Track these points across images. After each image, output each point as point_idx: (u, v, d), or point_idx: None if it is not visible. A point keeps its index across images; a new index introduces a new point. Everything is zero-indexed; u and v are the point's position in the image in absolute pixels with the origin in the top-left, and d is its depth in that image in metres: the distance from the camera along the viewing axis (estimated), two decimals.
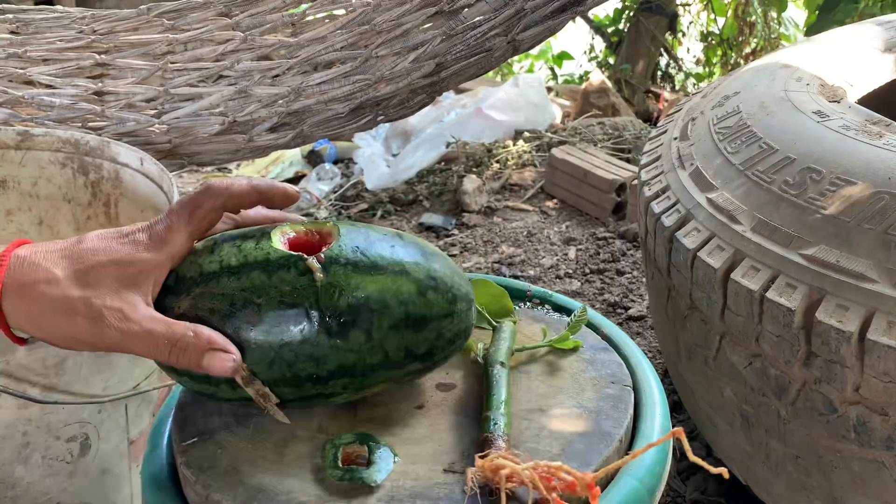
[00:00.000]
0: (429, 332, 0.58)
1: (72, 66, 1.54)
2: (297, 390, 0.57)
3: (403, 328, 0.56)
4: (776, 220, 0.84)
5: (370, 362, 0.56)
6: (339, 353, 0.55)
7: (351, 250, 0.57)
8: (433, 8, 1.59)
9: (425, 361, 0.59)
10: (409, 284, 0.57)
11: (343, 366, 0.56)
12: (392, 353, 0.57)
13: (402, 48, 1.58)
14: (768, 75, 1.13)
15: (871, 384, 0.74)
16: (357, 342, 0.55)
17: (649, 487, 0.55)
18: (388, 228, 0.62)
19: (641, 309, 1.69)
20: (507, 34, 1.62)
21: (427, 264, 0.59)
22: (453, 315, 0.59)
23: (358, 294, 0.55)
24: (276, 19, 1.61)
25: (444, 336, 0.59)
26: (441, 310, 0.58)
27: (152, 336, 0.53)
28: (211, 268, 0.56)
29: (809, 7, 3.32)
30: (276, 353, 0.55)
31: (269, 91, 1.55)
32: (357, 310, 0.55)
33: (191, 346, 0.53)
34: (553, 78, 4.46)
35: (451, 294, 0.59)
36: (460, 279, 0.61)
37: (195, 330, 0.53)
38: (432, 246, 0.63)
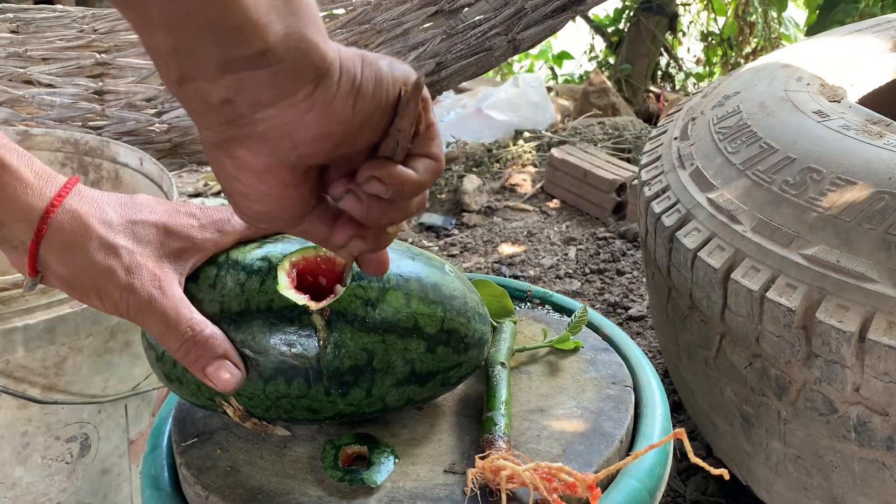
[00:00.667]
0: (434, 384, 0.57)
1: (72, 65, 1.54)
2: (293, 424, 0.58)
3: (407, 384, 0.55)
4: (776, 220, 0.84)
5: (369, 411, 0.56)
6: (337, 406, 0.54)
7: (361, 302, 0.53)
8: (433, 7, 1.58)
9: (426, 403, 0.60)
10: (418, 342, 0.54)
11: (341, 414, 0.55)
12: (392, 403, 0.56)
13: (402, 47, 1.58)
14: (768, 75, 1.13)
15: (872, 384, 0.74)
16: (356, 398, 0.54)
17: (650, 488, 0.55)
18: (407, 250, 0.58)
19: (641, 309, 1.69)
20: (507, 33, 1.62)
21: (443, 314, 0.55)
22: (462, 365, 0.58)
23: (362, 356, 0.53)
24: None
25: (450, 382, 0.58)
26: (450, 362, 0.56)
27: (178, 317, 0.50)
28: (212, 309, 0.53)
29: (809, 7, 3.32)
30: (272, 402, 0.54)
31: None
32: (359, 371, 0.53)
33: (207, 347, 0.51)
34: (553, 78, 4.46)
35: (462, 345, 0.57)
36: (477, 321, 0.58)
37: (217, 333, 0.52)
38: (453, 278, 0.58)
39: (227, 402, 0.55)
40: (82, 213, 0.50)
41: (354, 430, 0.59)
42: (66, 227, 0.50)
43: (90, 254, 0.50)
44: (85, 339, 0.85)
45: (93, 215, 0.50)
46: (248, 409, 0.55)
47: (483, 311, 0.60)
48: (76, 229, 0.50)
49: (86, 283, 0.50)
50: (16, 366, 0.81)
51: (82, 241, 0.50)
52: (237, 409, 0.55)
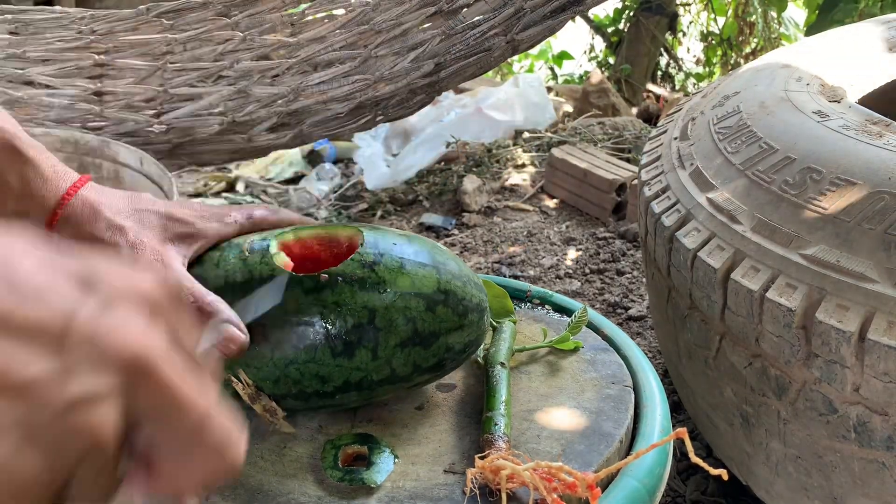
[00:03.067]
0: (438, 347, 0.57)
1: (71, 66, 1.54)
2: (303, 403, 0.57)
3: (411, 345, 0.55)
4: (776, 220, 0.84)
5: (376, 378, 0.56)
6: (345, 371, 0.54)
7: (359, 265, 0.55)
8: (432, 8, 1.58)
9: (434, 372, 0.59)
10: (417, 300, 0.55)
11: (349, 382, 0.55)
12: (399, 368, 0.56)
13: (401, 48, 1.58)
14: (768, 75, 1.13)
15: (872, 384, 0.74)
16: (363, 360, 0.54)
17: (650, 488, 0.55)
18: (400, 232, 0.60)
19: (641, 309, 1.69)
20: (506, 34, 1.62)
21: (438, 275, 0.57)
22: (463, 328, 0.58)
23: (364, 313, 0.54)
24: (275, 19, 1.61)
25: (454, 348, 0.58)
26: (451, 324, 0.57)
27: (180, 287, 0.53)
28: (216, 283, 0.56)
29: (809, 7, 3.32)
30: (281, 371, 0.54)
31: (268, 91, 1.55)
32: (363, 329, 0.54)
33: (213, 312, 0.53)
34: (553, 78, 4.46)
35: (461, 307, 0.58)
36: (473, 287, 0.60)
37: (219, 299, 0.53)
38: (446, 251, 0.61)
39: (237, 379, 0.55)
40: (93, 201, 0.56)
41: (354, 430, 0.59)
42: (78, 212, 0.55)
43: (98, 233, 0.55)
44: None
45: (102, 202, 0.56)
46: (258, 386, 0.55)
47: (477, 281, 0.62)
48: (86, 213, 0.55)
49: None
50: None
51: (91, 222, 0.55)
52: (247, 384, 0.55)
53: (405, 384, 0.58)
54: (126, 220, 0.56)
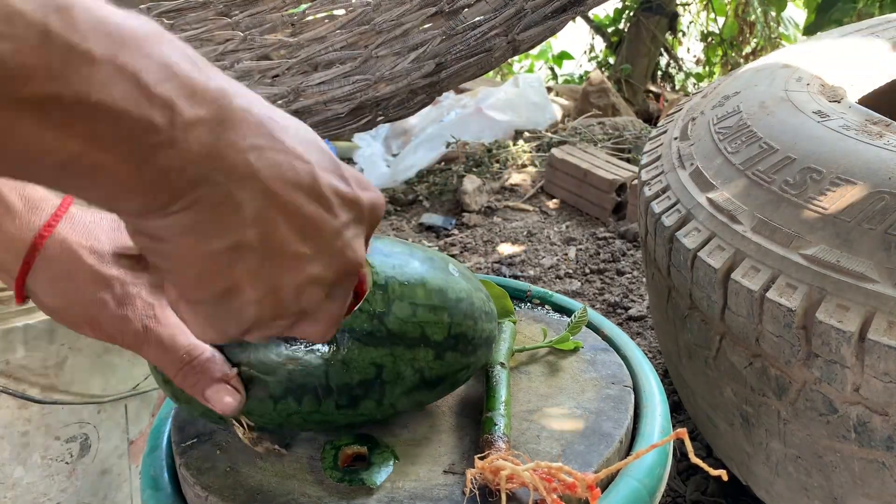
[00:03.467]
0: (443, 387, 0.57)
1: None
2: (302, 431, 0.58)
3: (417, 391, 0.55)
4: (776, 220, 0.84)
5: (380, 417, 0.56)
6: (348, 417, 0.55)
7: (367, 317, 0.52)
8: (433, 8, 1.59)
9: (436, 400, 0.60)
10: (426, 351, 0.54)
11: (352, 425, 0.56)
12: (402, 408, 0.57)
13: (401, 48, 1.58)
14: (768, 75, 1.13)
15: (872, 384, 0.74)
16: (367, 409, 0.55)
17: (650, 488, 0.55)
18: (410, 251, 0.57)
19: (641, 309, 1.69)
20: (507, 34, 1.62)
21: (450, 319, 0.55)
22: (469, 367, 0.58)
23: (371, 370, 0.53)
24: (275, 19, 1.61)
25: (459, 382, 0.59)
26: (458, 365, 0.57)
27: (174, 344, 0.50)
28: None
29: (809, 7, 3.32)
30: (284, 419, 0.54)
31: (268, 91, 1.55)
32: (369, 384, 0.53)
33: (205, 370, 0.50)
34: (553, 78, 4.46)
35: (471, 347, 0.57)
36: (484, 321, 0.58)
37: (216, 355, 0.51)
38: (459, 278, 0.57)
39: (238, 423, 0.55)
40: (72, 244, 0.48)
41: (354, 431, 0.59)
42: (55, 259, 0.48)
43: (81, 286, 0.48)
44: (85, 340, 0.85)
45: (83, 245, 0.49)
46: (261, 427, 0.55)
47: (490, 307, 0.60)
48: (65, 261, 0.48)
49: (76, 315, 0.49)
50: (16, 366, 0.81)
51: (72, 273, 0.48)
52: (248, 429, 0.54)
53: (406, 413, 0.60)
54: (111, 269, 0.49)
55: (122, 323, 0.49)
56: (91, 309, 0.49)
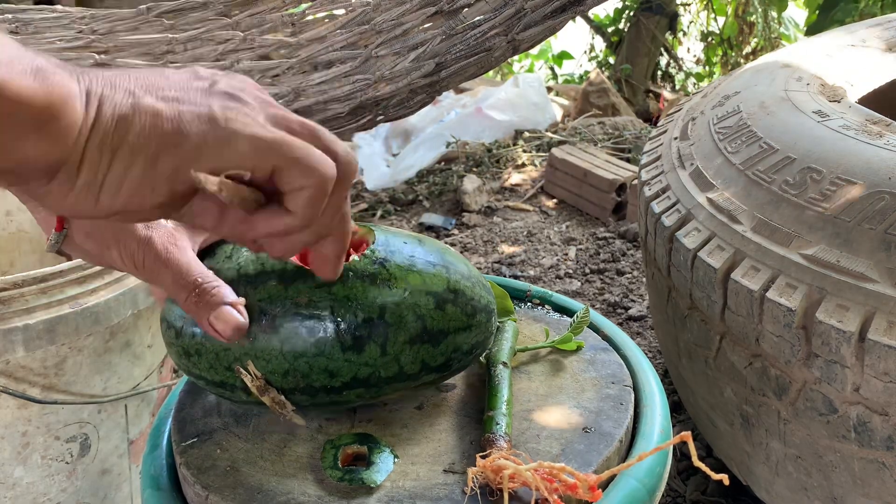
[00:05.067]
0: (446, 346, 0.57)
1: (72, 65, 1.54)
2: (310, 398, 0.57)
3: (420, 342, 0.56)
4: (776, 220, 0.84)
5: (385, 375, 0.56)
6: (354, 366, 0.55)
7: (370, 262, 0.56)
8: (433, 7, 1.59)
9: (441, 372, 0.59)
10: (427, 298, 0.56)
11: (357, 378, 0.56)
12: (407, 366, 0.56)
13: (401, 48, 1.58)
14: (768, 75, 1.13)
15: (872, 384, 0.74)
16: (372, 356, 0.55)
17: (650, 488, 0.55)
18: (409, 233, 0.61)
19: (641, 309, 1.69)
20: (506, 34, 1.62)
21: (447, 275, 0.58)
22: (471, 328, 0.59)
23: (374, 308, 0.54)
24: (275, 19, 1.61)
25: (462, 348, 0.59)
26: (459, 323, 0.58)
27: (189, 269, 0.53)
28: (228, 275, 0.56)
29: (809, 7, 3.32)
30: (290, 364, 0.54)
31: (268, 91, 1.55)
32: (373, 324, 0.54)
33: (214, 295, 0.53)
34: (553, 78, 4.46)
35: (470, 307, 0.58)
36: (482, 289, 0.61)
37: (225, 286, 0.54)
38: (455, 253, 0.62)
39: (246, 370, 0.55)
40: None
41: (354, 430, 0.59)
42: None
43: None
44: (85, 339, 0.85)
45: None
46: (267, 378, 0.55)
47: (486, 283, 0.62)
48: None
49: (106, 235, 0.53)
50: (16, 366, 0.81)
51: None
52: (256, 377, 0.55)
53: (412, 383, 0.58)
54: None
55: (146, 244, 0.53)
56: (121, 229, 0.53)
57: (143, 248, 0.53)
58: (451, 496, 0.52)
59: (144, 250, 0.53)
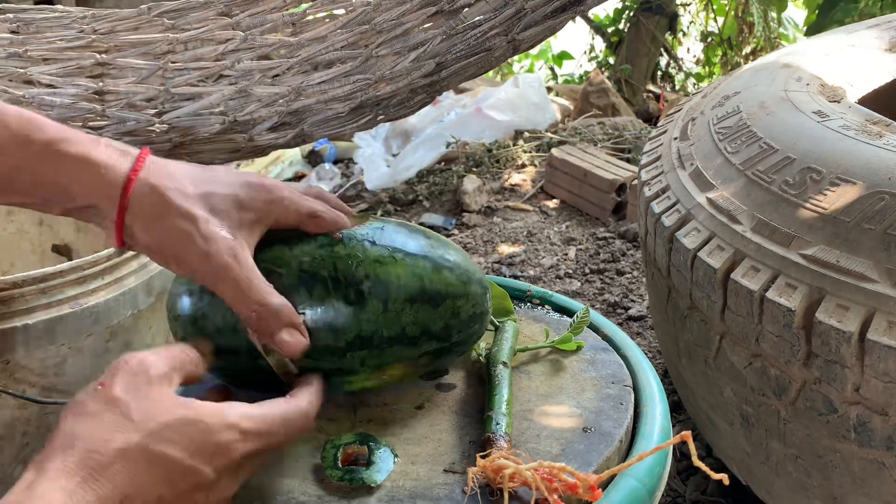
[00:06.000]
0: (444, 310, 0.59)
1: (72, 65, 1.54)
2: (315, 362, 0.57)
3: (420, 302, 0.58)
4: (776, 220, 0.84)
5: (387, 335, 0.57)
6: (357, 322, 0.56)
7: (369, 228, 0.59)
8: (433, 7, 1.58)
9: (441, 341, 0.60)
10: (424, 261, 0.59)
11: (360, 337, 0.57)
12: (409, 327, 0.58)
13: (402, 48, 1.58)
14: (768, 75, 1.13)
15: (871, 384, 0.74)
16: (374, 312, 0.57)
17: (649, 488, 0.55)
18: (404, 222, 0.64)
19: (641, 309, 1.69)
20: (507, 34, 1.62)
21: (442, 251, 0.61)
22: (468, 296, 0.61)
23: (374, 266, 0.57)
24: (276, 19, 1.61)
25: (460, 316, 0.60)
26: (456, 289, 0.60)
27: (251, 285, 0.53)
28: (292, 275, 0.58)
29: (809, 7, 3.32)
30: None
31: (269, 90, 1.55)
32: (374, 280, 0.57)
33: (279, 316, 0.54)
34: (553, 78, 4.46)
35: (465, 276, 0.61)
36: (474, 268, 0.63)
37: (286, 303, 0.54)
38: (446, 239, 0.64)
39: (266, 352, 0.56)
40: (160, 186, 0.53)
41: (354, 430, 0.59)
42: (147, 200, 0.53)
43: (170, 222, 0.53)
44: (85, 339, 0.85)
45: (170, 187, 0.53)
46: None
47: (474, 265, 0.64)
48: (156, 201, 0.53)
49: (166, 250, 0.54)
50: (16, 366, 0.81)
51: (163, 210, 0.52)
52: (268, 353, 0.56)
53: (414, 350, 0.59)
54: (196, 208, 0.53)
55: (205, 259, 0.53)
56: (179, 245, 0.53)
57: (203, 263, 0.53)
58: (451, 496, 0.52)
59: (205, 266, 0.53)
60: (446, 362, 0.64)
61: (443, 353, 0.61)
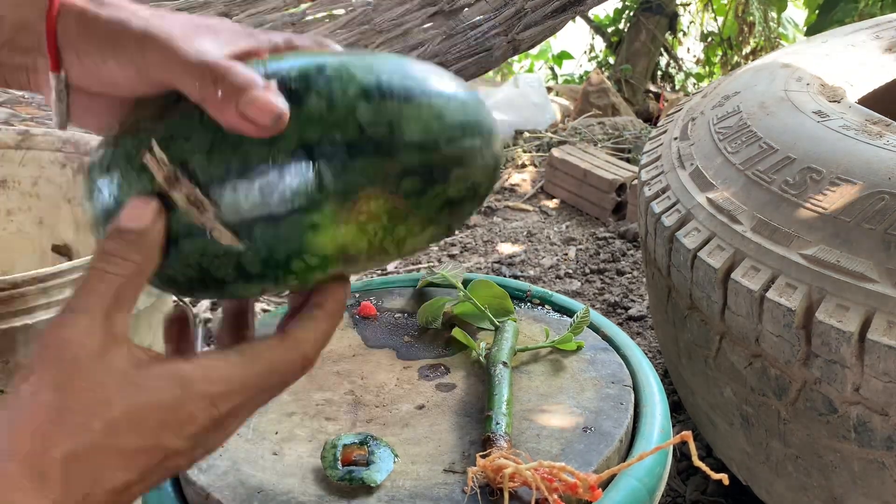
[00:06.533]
0: (420, 108, 0.41)
1: None
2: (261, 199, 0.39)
3: (379, 98, 0.40)
4: (776, 220, 0.84)
5: (346, 138, 0.39)
6: (298, 125, 0.39)
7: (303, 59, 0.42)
8: (433, 7, 1.59)
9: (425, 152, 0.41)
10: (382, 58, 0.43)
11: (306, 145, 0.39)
12: (370, 127, 0.40)
13: (402, 47, 1.58)
14: (768, 75, 1.13)
15: (871, 384, 0.74)
16: (317, 110, 0.40)
17: (649, 488, 0.55)
18: None
19: (641, 309, 1.69)
20: (507, 34, 1.62)
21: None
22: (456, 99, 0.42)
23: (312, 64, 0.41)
24: (276, 19, 1.62)
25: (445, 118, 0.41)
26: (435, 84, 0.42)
27: (202, 54, 0.40)
28: None
29: (809, 7, 3.32)
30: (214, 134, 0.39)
31: None
32: (310, 77, 0.40)
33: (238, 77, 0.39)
34: (553, 78, 4.46)
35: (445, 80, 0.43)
36: None
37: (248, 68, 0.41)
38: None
39: (151, 154, 0.40)
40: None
41: (354, 430, 0.59)
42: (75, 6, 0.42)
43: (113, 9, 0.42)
44: None
45: None
46: (180, 165, 0.40)
47: None
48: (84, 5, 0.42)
49: (101, 42, 0.42)
50: (16, 366, 0.81)
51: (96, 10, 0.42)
52: (163, 163, 0.40)
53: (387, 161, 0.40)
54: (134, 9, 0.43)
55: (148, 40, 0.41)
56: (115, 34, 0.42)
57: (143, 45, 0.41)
58: (451, 496, 0.52)
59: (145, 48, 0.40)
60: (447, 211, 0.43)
61: (434, 180, 0.41)
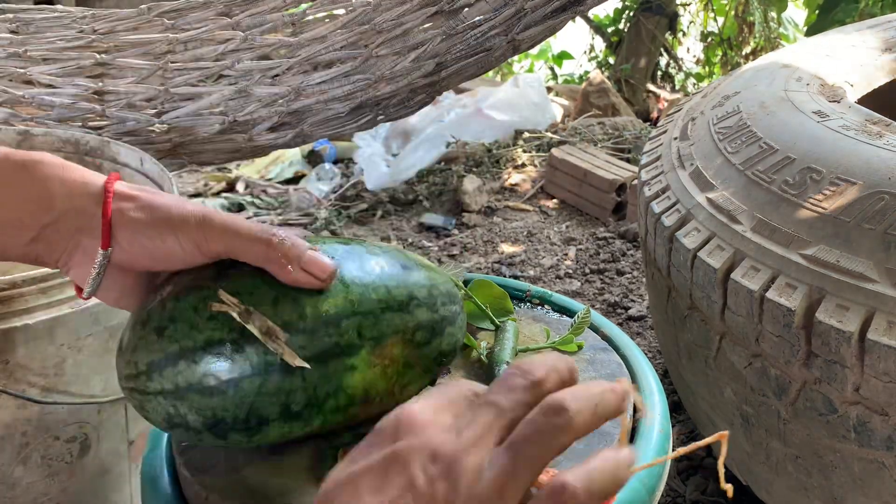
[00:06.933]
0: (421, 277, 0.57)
1: (72, 65, 1.54)
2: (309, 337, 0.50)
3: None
4: (776, 220, 0.84)
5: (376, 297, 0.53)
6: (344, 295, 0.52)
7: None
8: (433, 7, 1.58)
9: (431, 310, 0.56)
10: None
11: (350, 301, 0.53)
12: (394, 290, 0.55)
13: (402, 48, 1.58)
14: (768, 75, 1.13)
15: (871, 384, 0.74)
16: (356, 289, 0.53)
17: (649, 487, 0.55)
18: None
19: (641, 309, 1.69)
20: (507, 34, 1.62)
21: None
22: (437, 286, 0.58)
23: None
24: (276, 19, 1.61)
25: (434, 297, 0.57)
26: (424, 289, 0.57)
27: (257, 227, 0.50)
28: None
29: (809, 7, 3.32)
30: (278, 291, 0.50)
31: (269, 90, 1.55)
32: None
33: (294, 245, 0.50)
34: (553, 78, 4.46)
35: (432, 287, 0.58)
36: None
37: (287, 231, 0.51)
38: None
39: (221, 301, 0.49)
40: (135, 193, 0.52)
41: (354, 431, 0.59)
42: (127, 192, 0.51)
43: (162, 198, 0.51)
44: (85, 339, 0.85)
45: (146, 191, 0.52)
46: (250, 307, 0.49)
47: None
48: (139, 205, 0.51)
49: (160, 224, 0.50)
50: (16, 366, 0.81)
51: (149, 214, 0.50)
52: (233, 304, 0.49)
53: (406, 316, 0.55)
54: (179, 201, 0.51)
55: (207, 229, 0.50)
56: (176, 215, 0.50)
57: (204, 221, 0.49)
58: None
59: (207, 223, 0.49)
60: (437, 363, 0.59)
61: (436, 333, 0.57)
